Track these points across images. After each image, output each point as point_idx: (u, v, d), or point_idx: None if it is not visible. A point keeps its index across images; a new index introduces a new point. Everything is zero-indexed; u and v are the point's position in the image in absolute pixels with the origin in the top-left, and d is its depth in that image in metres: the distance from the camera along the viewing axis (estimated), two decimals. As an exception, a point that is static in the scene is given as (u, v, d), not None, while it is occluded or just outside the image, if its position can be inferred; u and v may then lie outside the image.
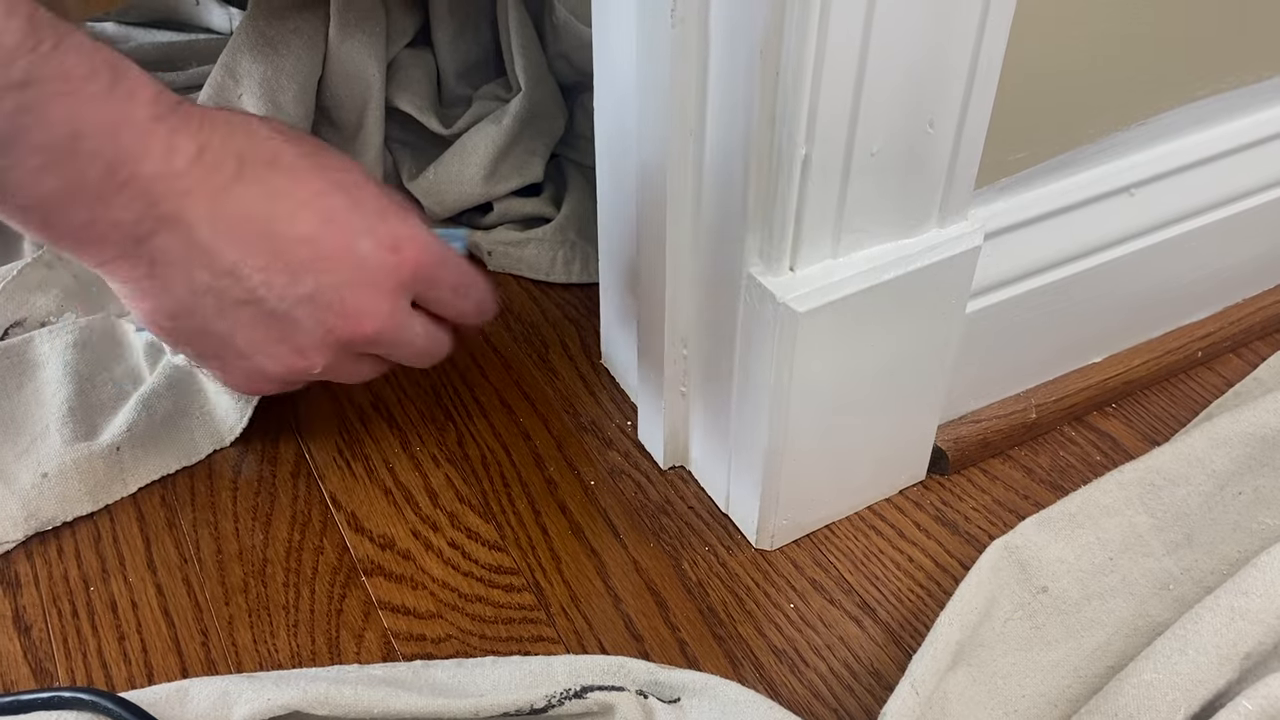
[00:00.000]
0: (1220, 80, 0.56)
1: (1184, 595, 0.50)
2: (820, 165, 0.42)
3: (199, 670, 0.48)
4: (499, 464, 0.58)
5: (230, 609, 0.51)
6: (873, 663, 0.49)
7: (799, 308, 0.44)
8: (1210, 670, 0.43)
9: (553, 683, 0.44)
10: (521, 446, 0.59)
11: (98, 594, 0.52)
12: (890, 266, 0.46)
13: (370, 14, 0.68)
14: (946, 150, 0.45)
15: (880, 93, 0.41)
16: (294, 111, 0.65)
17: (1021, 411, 0.58)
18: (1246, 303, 0.65)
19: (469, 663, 0.46)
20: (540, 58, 0.72)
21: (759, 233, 0.45)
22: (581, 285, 0.70)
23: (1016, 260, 0.54)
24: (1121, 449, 0.59)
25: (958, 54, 0.42)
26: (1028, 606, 0.49)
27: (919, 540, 0.54)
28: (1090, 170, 0.55)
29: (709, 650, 0.49)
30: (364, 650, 0.49)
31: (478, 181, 0.69)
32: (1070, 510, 0.52)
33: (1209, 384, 0.63)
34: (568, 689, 0.44)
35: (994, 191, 0.52)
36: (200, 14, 0.89)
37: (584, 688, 0.44)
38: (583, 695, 0.44)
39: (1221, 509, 0.53)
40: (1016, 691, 0.46)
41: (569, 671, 0.45)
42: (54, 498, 0.54)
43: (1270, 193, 0.60)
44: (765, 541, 0.53)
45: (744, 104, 0.41)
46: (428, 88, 0.73)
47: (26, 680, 0.48)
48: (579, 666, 0.46)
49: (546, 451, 0.59)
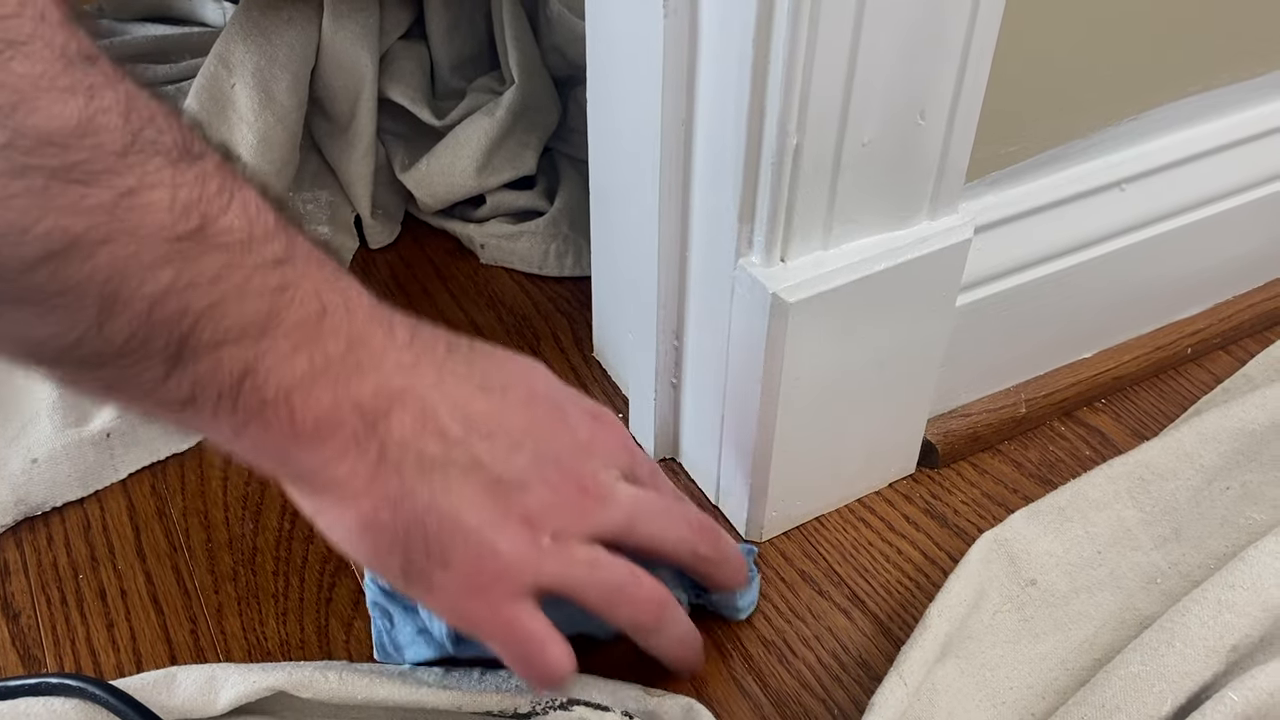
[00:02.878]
0: (1212, 76, 0.56)
1: (1171, 589, 0.50)
2: (811, 156, 0.42)
3: (188, 658, 0.48)
4: (490, 455, 0.58)
5: (219, 597, 0.51)
6: (861, 654, 0.49)
7: (789, 298, 0.44)
8: (1197, 663, 0.43)
9: (538, 693, 0.44)
10: (512, 438, 0.59)
11: (87, 581, 0.51)
12: (881, 258, 0.46)
13: (364, 5, 0.68)
14: (938, 142, 0.45)
15: (872, 83, 0.41)
16: (287, 101, 0.65)
17: (1011, 406, 0.58)
18: (1237, 299, 0.65)
19: (457, 670, 0.47)
20: (534, 51, 0.72)
21: (750, 223, 0.45)
22: (574, 278, 0.70)
23: (1007, 254, 0.54)
24: (1111, 444, 0.59)
25: (949, 45, 0.42)
26: (1016, 599, 0.49)
27: (908, 533, 0.54)
28: (1081, 165, 0.55)
29: (698, 641, 0.49)
30: (353, 639, 0.49)
31: (470, 174, 0.69)
32: (1059, 504, 0.52)
33: (1198, 380, 0.63)
34: (553, 699, 0.44)
35: (985, 185, 0.52)
36: (194, 8, 0.89)
37: (570, 700, 0.44)
38: (568, 708, 0.44)
39: (1209, 504, 0.53)
40: (1004, 683, 0.47)
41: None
42: (44, 483, 0.54)
43: (1261, 189, 0.61)
44: (755, 533, 0.53)
45: (735, 94, 0.41)
46: (421, 80, 0.73)
47: (14, 667, 0.48)
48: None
49: (537, 443, 0.59)
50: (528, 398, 0.41)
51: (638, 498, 0.42)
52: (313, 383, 0.36)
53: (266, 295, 0.34)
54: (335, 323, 0.36)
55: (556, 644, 0.40)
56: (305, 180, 0.72)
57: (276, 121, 0.64)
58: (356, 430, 0.37)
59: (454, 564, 0.38)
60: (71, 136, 0.30)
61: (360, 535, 0.38)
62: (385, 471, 0.37)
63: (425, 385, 0.38)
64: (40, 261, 0.30)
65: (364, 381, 0.37)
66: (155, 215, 0.32)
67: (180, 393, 0.34)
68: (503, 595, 0.39)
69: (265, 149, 0.64)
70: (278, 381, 0.35)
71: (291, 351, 0.35)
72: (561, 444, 0.41)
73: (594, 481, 0.41)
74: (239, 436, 0.36)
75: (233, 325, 0.34)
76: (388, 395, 0.37)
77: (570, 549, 0.40)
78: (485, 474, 0.39)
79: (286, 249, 0.35)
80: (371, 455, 0.37)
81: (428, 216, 0.74)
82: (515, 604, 0.39)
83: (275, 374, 0.35)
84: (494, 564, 0.38)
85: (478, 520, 0.38)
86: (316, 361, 0.36)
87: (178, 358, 0.33)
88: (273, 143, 0.64)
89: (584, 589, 0.40)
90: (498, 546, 0.38)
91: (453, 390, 0.39)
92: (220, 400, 0.35)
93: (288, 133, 0.65)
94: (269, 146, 0.64)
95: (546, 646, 0.40)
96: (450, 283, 0.70)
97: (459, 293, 0.69)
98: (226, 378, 0.34)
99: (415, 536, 0.38)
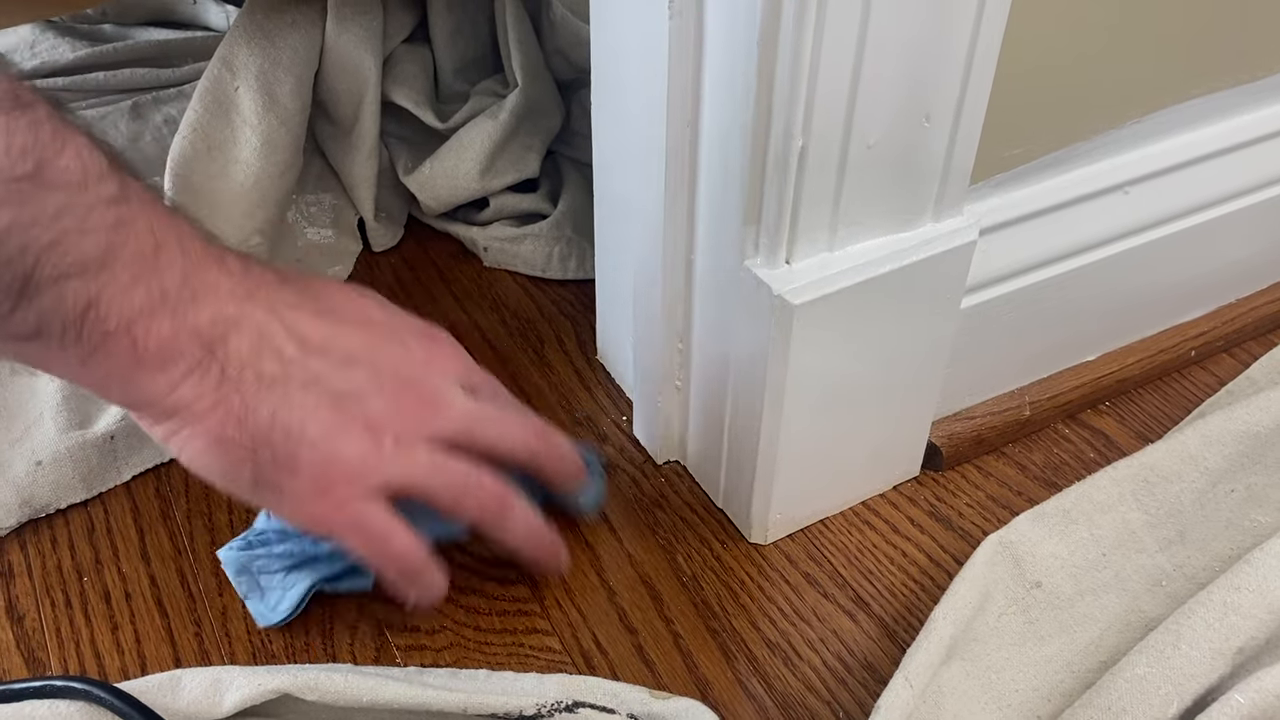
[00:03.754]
0: (1215, 80, 0.56)
1: (1177, 591, 0.50)
2: (817, 158, 0.42)
3: (192, 661, 0.48)
4: (494, 457, 0.58)
5: (224, 600, 0.51)
6: (866, 656, 0.49)
7: (795, 300, 0.44)
8: (1203, 665, 0.43)
9: (543, 695, 0.45)
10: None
11: (91, 584, 0.51)
12: (886, 260, 0.46)
13: (367, 8, 0.68)
14: (942, 144, 0.45)
15: (877, 85, 0.41)
16: (290, 104, 0.65)
17: (1016, 408, 0.58)
18: (1240, 302, 0.65)
19: (463, 674, 0.47)
20: (537, 54, 0.72)
21: (755, 225, 0.45)
22: (578, 281, 0.70)
23: (1011, 256, 0.54)
24: (1115, 446, 0.59)
25: (954, 48, 0.42)
26: (1021, 601, 0.49)
27: (913, 535, 0.54)
28: (1085, 168, 0.55)
29: (703, 643, 0.49)
30: (357, 642, 0.49)
31: (474, 176, 0.69)
32: (1064, 506, 0.52)
33: (1202, 382, 0.63)
34: (559, 701, 0.44)
35: (989, 187, 0.52)
36: (198, 13, 0.89)
37: (575, 703, 0.44)
38: (573, 710, 0.44)
39: (1214, 506, 0.53)
40: (1010, 685, 0.47)
41: (562, 688, 0.45)
42: (48, 485, 0.54)
43: (1264, 192, 0.61)
44: (760, 536, 0.53)
45: (741, 97, 0.41)
46: (425, 83, 0.73)
47: (19, 670, 0.48)
48: (572, 685, 0.46)
49: (541, 445, 0.59)
50: (363, 321, 0.45)
51: (475, 405, 0.45)
52: (152, 313, 0.38)
53: (104, 231, 0.37)
54: (170, 256, 0.39)
55: (404, 533, 0.44)
56: (309, 183, 0.72)
57: (280, 124, 0.64)
58: (197, 355, 0.40)
59: (301, 470, 0.41)
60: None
61: (210, 453, 0.41)
62: (227, 391, 0.40)
63: (260, 312, 0.41)
64: None
65: (200, 310, 0.40)
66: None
67: (26, 326, 0.36)
68: (350, 495, 0.42)
69: (269, 152, 0.64)
70: (119, 312, 0.38)
71: (130, 284, 0.38)
72: (398, 359, 0.44)
73: (432, 390, 0.44)
74: (85, 367, 0.38)
75: (74, 260, 0.36)
76: (224, 322, 0.40)
77: (413, 451, 0.43)
78: (323, 388, 0.42)
79: (120, 189, 0.37)
80: (213, 377, 0.40)
81: (431, 219, 0.74)
82: (363, 503, 0.43)
83: (116, 305, 0.37)
84: (340, 468, 0.42)
85: (320, 429, 0.41)
86: (154, 293, 0.38)
87: (22, 293, 0.36)
88: (276, 145, 0.64)
89: (428, 485, 0.44)
90: (342, 451, 0.42)
91: (286, 315, 0.42)
92: (65, 332, 0.37)
93: (291, 136, 0.65)
94: (272, 149, 0.64)
95: (393, 535, 0.43)
96: (454, 285, 0.70)
97: (462, 295, 0.69)
98: (70, 310, 0.37)
99: (262, 449, 0.41)
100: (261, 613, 0.49)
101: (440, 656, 0.49)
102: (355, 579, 0.49)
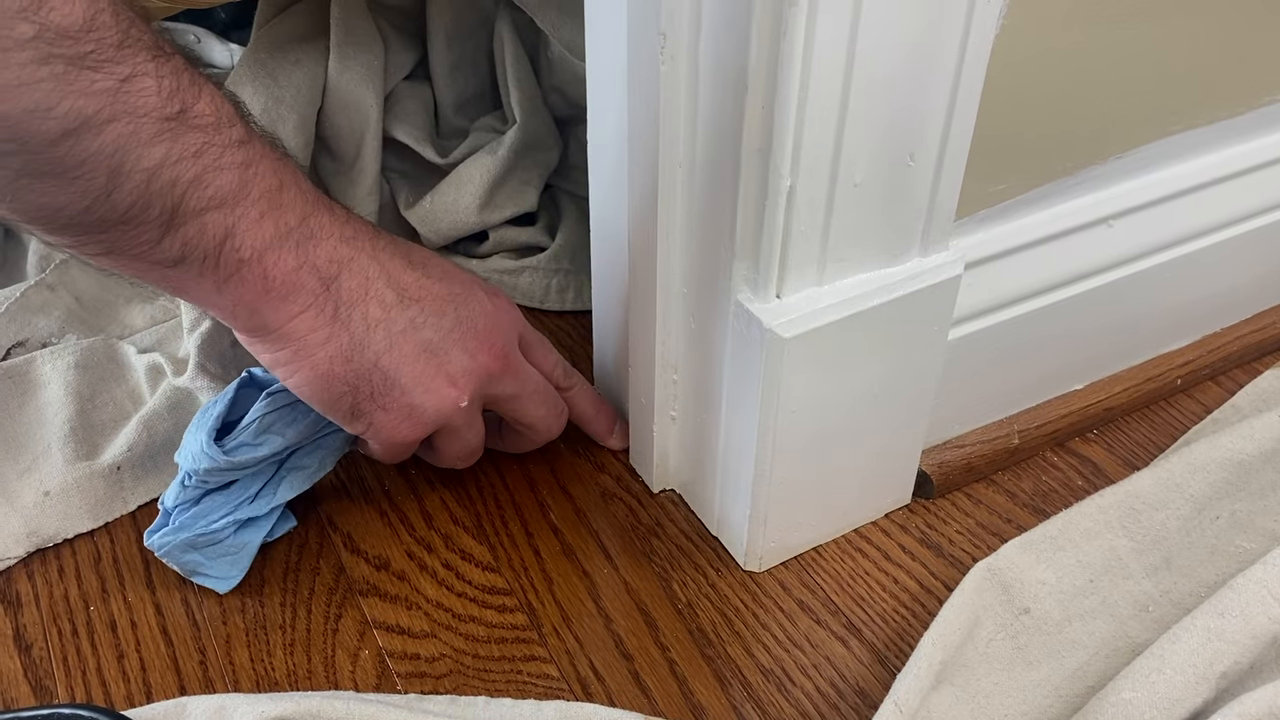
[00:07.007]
0: (1195, 115, 0.58)
1: (1163, 617, 0.51)
2: (805, 196, 0.44)
3: (197, 689, 0.49)
4: (492, 487, 0.59)
5: (228, 628, 0.52)
6: (858, 682, 0.50)
7: (785, 333, 0.45)
8: (1187, 689, 0.44)
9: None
10: (514, 470, 0.60)
11: (97, 613, 0.52)
12: (874, 294, 0.47)
13: (369, 47, 0.70)
14: (927, 182, 0.46)
15: (862, 127, 0.43)
16: (294, 141, 0.67)
17: (1004, 437, 0.59)
18: (1224, 331, 0.67)
19: (462, 700, 0.47)
20: (535, 91, 0.74)
21: (746, 261, 0.46)
22: (575, 313, 0.71)
23: (998, 289, 0.55)
24: (1102, 474, 0.60)
25: (937, 89, 0.43)
26: (1010, 627, 0.50)
27: (904, 562, 0.55)
28: (1069, 202, 0.56)
29: (698, 670, 0.50)
30: (359, 669, 0.50)
31: (473, 210, 0.71)
32: (1052, 533, 0.53)
33: (1188, 411, 0.64)
34: None
35: (975, 222, 0.53)
36: (202, 50, 0.91)
37: None
38: None
39: (1199, 533, 0.54)
40: (999, 710, 0.47)
41: (559, 715, 0.46)
42: (55, 515, 0.55)
43: (1246, 224, 0.62)
44: (753, 563, 0.54)
45: (731, 137, 0.43)
46: (425, 119, 0.74)
47: (27, 698, 0.49)
48: (569, 712, 0.46)
49: (539, 475, 0.60)
50: (443, 273, 0.51)
51: (532, 379, 0.54)
52: (280, 245, 0.43)
53: (236, 169, 0.41)
54: (290, 196, 0.44)
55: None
56: (311, 217, 0.73)
57: (284, 161, 0.66)
58: (315, 290, 0.45)
59: (391, 409, 0.49)
60: (81, 31, 0.36)
61: (316, 383, 0.47)
62: (337, 329, 0.46)
63: (364, 256, 0.47)
64: (61, 138, 0.36)
65: (318, 248, 0.45)
66: (148, 99, 0.38)
67: (171, 253, 0.41)
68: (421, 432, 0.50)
69: (273, 188, 0.65)
70: (252, 244, 0.42)
71: (259, 218, 0.42)
72: (475, 312, 0.51)
73: (501, 348, 0.51)
74: (220, 293, 0.43)
75: (214, 195, 0.41)
76: (337, 262, 0.45)
77: (474, 413, 0.52)
78: (418, 336, 0.48)
79: (246, 133, 0.42)
80: (327, 313, 0.45)
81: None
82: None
83: (250, 237, 0.42)
84: (420, 415, 0.49)
85: (412, 377, 0.48)
86: (281, 227, 0.43)
87: (170, 223, 0.40)
88: (280, 181, 0.65)
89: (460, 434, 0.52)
90: (426, 403, 0.49)
91: (386, 262, 0.48)
92: (205, 259, 0.42)
93: (295, 171, 0.66)
94: (276, 185, 0.65)
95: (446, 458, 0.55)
96: (453, 317, 0.71)
97: (462, 327, 0.70)
98: (210, 240, 0.41)
99: (363, 386, 0.47)
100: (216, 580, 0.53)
101: (440, 684, 0.49)
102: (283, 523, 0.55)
